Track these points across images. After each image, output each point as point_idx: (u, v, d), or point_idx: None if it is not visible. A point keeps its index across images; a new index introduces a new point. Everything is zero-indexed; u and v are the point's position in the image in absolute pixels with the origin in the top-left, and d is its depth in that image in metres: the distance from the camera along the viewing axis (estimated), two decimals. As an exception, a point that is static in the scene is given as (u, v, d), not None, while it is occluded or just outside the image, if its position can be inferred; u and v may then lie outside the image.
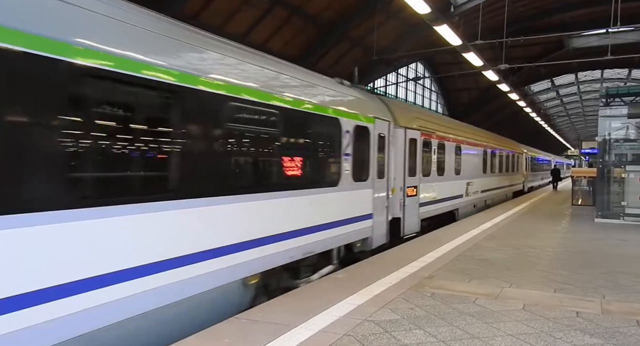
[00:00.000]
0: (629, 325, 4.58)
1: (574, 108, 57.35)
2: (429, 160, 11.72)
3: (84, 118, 3.50)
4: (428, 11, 11.13)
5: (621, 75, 39.40)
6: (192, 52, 4.62)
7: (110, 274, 3.63)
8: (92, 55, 3.53)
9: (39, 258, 3.20)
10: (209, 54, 4.87)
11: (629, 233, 11.38)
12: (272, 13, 18.10)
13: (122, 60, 3.76)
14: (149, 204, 4.00)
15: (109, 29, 3.77)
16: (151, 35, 4.21)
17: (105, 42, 3.67)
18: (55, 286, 3.27)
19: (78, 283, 3.41)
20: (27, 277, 3.12)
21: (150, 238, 4.02)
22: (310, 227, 6.44)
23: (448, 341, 4.06)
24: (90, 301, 3.48)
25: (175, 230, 4.28)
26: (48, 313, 3.22)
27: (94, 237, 3.55)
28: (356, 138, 7.77)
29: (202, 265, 4.54)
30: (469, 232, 10.61)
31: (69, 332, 3.37)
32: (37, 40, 3.17)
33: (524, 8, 23.56)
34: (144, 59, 3.98)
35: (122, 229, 3.76)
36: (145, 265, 3.93)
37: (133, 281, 3.82)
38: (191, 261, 4.41)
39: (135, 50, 3.93)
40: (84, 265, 3.47)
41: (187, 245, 4.39)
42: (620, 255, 8.33)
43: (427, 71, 35.68)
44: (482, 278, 6.37)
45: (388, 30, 22.03)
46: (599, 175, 14.66)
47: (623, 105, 14.92)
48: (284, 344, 3.89)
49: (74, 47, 3.39)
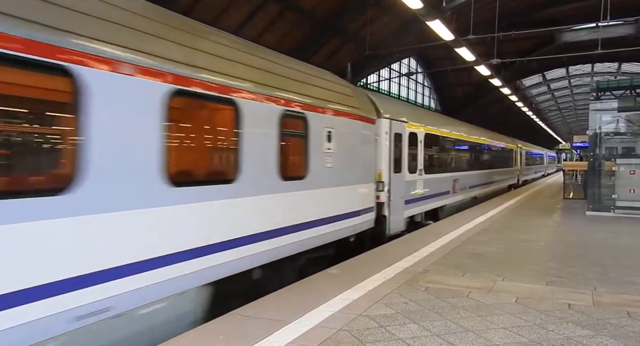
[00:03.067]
0: (619, 316, 4.65)
1: (565, 102, 57.73)
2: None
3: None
4: (420, 6, 11.15)
5: (611, 69, 39.68)
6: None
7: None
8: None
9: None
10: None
11: (620, 225, 11.52)
12: (266, 8, 18.03)
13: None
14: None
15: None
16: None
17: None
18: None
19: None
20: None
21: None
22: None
23: (442, 334, 4.10)
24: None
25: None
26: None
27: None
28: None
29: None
30: (462, 227, 10.68)
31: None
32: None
33: (515, 3, 23.62)
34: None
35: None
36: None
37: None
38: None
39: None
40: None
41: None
42: (611, 248, 8.43)
43: (420, 66, 35.70)
44: (476, 272, 6.43)
45: (381, 26, 22.02)
46: (590, 169, 14.81)
47: (613, 98, 15.05)
48: (280, 340, 3.90)
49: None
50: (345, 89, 8.30)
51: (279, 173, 5.97)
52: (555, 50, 28.88)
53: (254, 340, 3.89)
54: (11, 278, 3.15)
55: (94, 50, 3.66)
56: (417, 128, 11.38)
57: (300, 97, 6.49)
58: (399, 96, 33.04)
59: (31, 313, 3.23)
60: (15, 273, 3.18)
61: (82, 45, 3.57)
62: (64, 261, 3.46)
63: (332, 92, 7.64)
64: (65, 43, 3.44)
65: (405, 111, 11.53)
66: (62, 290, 3.42)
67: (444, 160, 14.12)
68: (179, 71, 4.44)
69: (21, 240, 3.20)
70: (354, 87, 9.46)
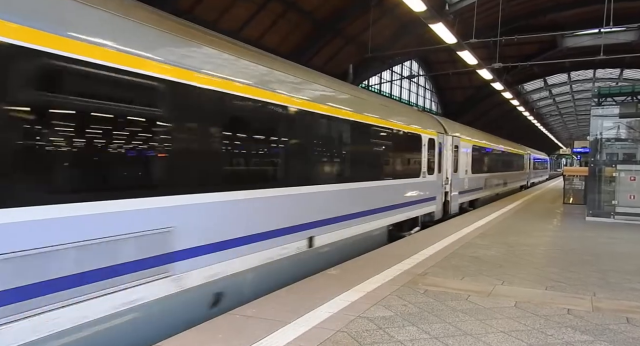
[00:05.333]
0: (618, 322, 4.64)
1: (567, 107, 57.73)
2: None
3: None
4: (424, 9, 11.14)
5: (613, 75, 39.69)
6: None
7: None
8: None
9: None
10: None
11: (620, 231, 11.51)
12: (267, 8, 18.03)
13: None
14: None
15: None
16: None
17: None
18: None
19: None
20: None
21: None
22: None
23: (441, 337, 4.09)
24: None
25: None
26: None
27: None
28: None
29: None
30: (462, 230, 10.67)
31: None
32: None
33: (518, 7, 23.62)
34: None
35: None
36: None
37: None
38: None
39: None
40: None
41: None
42: (610, 253, 8.43)
43: (421, 69, 35.71)
44: (475, 275, 6.42)
45: (383, 28, 22.02)
46: (590, 174, 14.80)
47: (615, 105, 15.05)
48: (278, 340, 3.90)
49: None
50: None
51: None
52: (557, 55, 28.90)
53: (252, 339, 3.89)
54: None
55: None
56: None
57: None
58: (400, 99, 33.06)
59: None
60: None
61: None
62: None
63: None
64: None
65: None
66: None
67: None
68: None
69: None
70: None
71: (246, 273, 5.29)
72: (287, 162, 6.08)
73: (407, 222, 10.62)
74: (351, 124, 7.77)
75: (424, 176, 11.54)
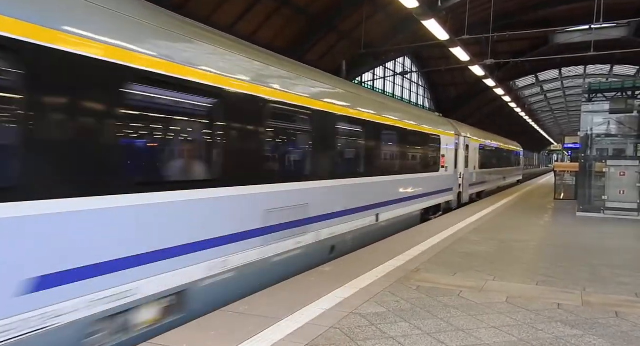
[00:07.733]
0: (608, 317, 4.70)
1: (558, 103, 58.15)
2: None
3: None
4: (416, 5, 11.15)
5: (604, 71, 40.01)
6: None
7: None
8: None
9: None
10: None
11: (609, 226, 11.64)
12: (261, 3, 17.93)
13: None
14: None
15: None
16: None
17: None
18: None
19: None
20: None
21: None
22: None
23: (433, 333, 4.12)
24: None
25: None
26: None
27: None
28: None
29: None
30: (454, 226, 10.73)
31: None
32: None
33: (510, 3, 23.69)
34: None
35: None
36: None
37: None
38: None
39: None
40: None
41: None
42: (600, 248, 8.52)
43: (414, 65, 35.77)
44: (467, 271, 6.47)
45: (376, 24, 22.00)
46: (581, 170, 14.92)
47: (605, 100, 15.18)
48: (271, 336, 3.90)
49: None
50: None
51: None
52: (549, 51, 29.08)
53: (245, 336, 3.89)
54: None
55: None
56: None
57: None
58: (393, 95, 33.09)
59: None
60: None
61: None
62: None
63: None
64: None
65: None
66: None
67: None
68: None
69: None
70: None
71: (346, 234, 7.97)
72: (369, 159, 8.85)
73: (431, 208, 13.10)
74: (400, 131, 10.45)
75: (445, 171, 14.15)
